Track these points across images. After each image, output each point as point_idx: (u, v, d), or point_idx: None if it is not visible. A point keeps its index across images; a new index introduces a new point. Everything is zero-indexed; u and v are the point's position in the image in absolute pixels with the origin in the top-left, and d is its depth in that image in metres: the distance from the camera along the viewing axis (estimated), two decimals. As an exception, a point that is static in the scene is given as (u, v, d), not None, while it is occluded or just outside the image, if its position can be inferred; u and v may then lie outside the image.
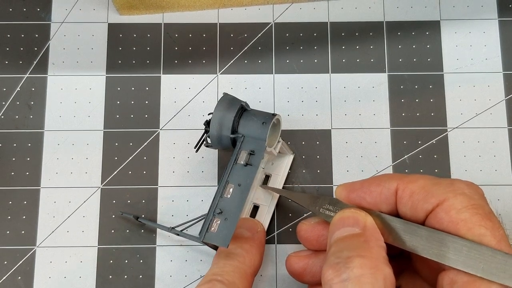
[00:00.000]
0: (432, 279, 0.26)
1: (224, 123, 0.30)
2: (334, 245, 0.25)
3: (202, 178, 0.36)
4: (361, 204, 0.27)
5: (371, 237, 0.25)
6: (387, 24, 0.38)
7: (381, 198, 0.26)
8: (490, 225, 0.23)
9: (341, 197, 0.28)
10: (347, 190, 0.27)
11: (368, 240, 0.24)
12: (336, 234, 0.26)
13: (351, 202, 0.27)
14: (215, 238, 0.28)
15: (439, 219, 0.24)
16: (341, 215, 0.26)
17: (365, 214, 0.26)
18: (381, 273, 0.23)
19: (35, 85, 0.37)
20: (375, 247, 0.24)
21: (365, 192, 0.27)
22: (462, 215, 0.23)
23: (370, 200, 0.27)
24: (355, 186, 0.27)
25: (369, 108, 0.37)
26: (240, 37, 0.38)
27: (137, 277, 0.34)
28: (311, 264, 0.29)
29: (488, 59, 0.37)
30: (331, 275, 0.23)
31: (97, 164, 0.36)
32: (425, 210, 0.24)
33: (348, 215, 0.26)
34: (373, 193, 0.26)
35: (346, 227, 0.26)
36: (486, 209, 0.24)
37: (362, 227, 0.25)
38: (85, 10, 0.38)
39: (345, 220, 0.26)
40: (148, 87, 0.37)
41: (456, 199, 0.24)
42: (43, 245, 0.35)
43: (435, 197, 0.24)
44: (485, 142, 0.36)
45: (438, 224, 0.24)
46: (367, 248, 0.24)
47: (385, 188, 0.26)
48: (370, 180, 0.27)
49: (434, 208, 0.24)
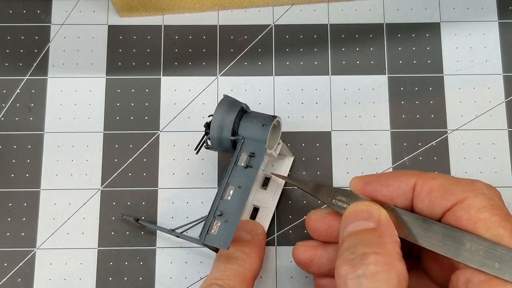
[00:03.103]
0: (442, 279, 0.26)
1: (225, 125, 0.30)
2: (347, 239, 0.25)
3: (202, 180, 0.36)
4: (376, 197, 0.27)
5: (385, 232, 0.25)
6: (387, 26, 0.38)
7: (398, 193, 0.26)
8: (509, 227, 0.23)
9: (356, 188, 0.27)
10: (363, 182, 0.27)
11: (383, 235, 0.24)
12: (349, 227, 0.25)
13: (366, 194, 0.27)
14: (216, 240, 0.28)
15: (457, 217, 0.24)
16: (355, 207, 0.26)
17: (379, 208, 0.26)
18: (395, 270, 0.23)
19: (35, 87, 0.37)
20: (389, 243, 0.24)
21: (382, 185, 0.26)
22: (482, 214, 0.23)
23: (386, 194, 0.26)
24: (371, 179, 0.27)
25: (369, 110, 0.37)
26: (240, 39, 0.38)
27: (137, 279, 0.34)
28: (319, 255, 0.29)
29: (488, 61, 0.37)
30: (346, 270, 0.23)
31: (97, 166, 0.36)
32: (443, 207, 0.24)
33: (362, 208, 0.26)
34: (390, 186, 0.26)
35: (360, 220, 0.25)
36: (505, 210, 0.24)
37: (376, 221, 0.25)
38: (85, 12, 0.38)
39: (359, 213, 0.26)
40: (148, 89, 0.37)
41: (476, 199, 0.24)
42: (43, 247, 0.35)
43: (454, 195, 0.24)
44: (485, 144, 0.36)
45: (456, 222, 0.24)
46: (382, 244, 0.24)
47: (403, 182, 0.26)
48: (387, 174, 0.27)
49: (452, 206, 0.24)
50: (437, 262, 0.26)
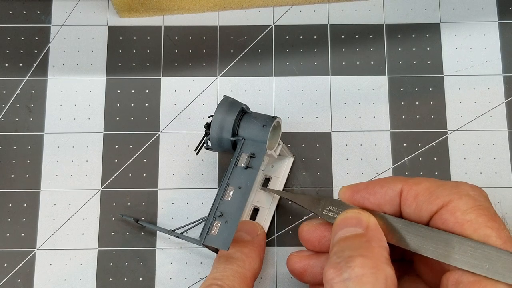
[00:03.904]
0: (435, 281, 0.26)
1: (225, 125, 0.30)
2: (336, 245, 0.25)
3: (202, 181, 0.36)
4: (364, 205, 0.27)
5: (373, 237, 0.25)
6: (387, 27, 0.38)
7: (385, 199, 0.26)
8: (495, 226, 0.23)
9: (345, 197, 0.28)
10: (351, 191, 0.27)
11: (370, 240, 0.25)
12: (338, 234, 0.26)
13: (354, 202, 0.27)
14: (216, 241, 0.28)
15: (444, 220, 0.24)
16: (344, 215, 0.26)
17: (368, 215, 0.26)
18: (382, 273, 0.23)
19: (35, 88, 0.37)
20: (377, 247, 0.24)
21: (369, 193, 0.27)
22: (468, 216, 0.23)
23: (373, 201, 0.27)
24: (359, 187, 0.27)
25: (369, 111, 0.37)
26: (240, 40, 0.38)
27: (137, 280, 0.34)
28: (312, 264, 0.29)
29: (488, 61, 0.37)
30: (332, 274, 0.23)
31: (97, 167, 0.36)
32: (430, 211, 0.25)
33: (351, 215, 0.26)
34: (377, 194, 0.27)
35: (349, 227, 0.26)
36: (491, 210, 0.24)
37: (365, 227, 0.25)
38: (85, 12, 0.38)
39: (348, 221, 0.26)
40: (148, 90, 0.37)
41: (461, 200, 0.24)
42: (43, 247, 0.35)
43: (440, 199, 0.24)
44: (485, 144, 0.36)
45: (443, 225, 0.24)
46: (369, 248, 0.24)
47: (390, 189, 0.26)
48: (374, 182, 0.27)
49: (438, 209, 0.24)
50: (429, 266, 0.26)
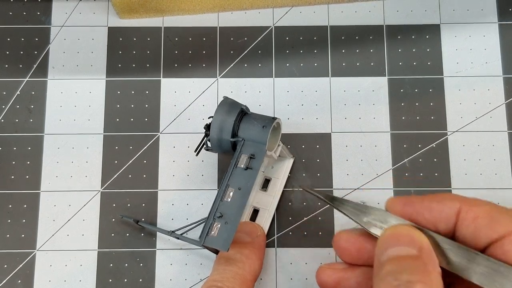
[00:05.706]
0: None
1: (225, 126, 0.30)
2: (388, 263, 0.23)
3: (202, 182, 0.36)
4: (417, 220, 0.25)
5: (429, 260, 0.23)
6: (387, 28, 0.38)
7: (441, 217, 0.24)
8: None
9: (395, 209, 0.25)
10: (402, 203, 0.25)
11: (427, 264, 0.23)
12: (389, 251, 0.24)
13: (405, 216, 0.25)
14: (216, 242, 0.28)
15: (505, 251, 0.22)
16: (394, 231, 0.24)
17: (420, 233, 0.24)
18: None
19: (35, 89, 0.37)
20: (434, 273, 0.22)
21: (425, 208, 0.25)
22: None
23: (429, 217, 0.25)
24: (412, 200, 0.25)
25: (369, 112, 0.37)
26: (240, 41, 0.38)
27: (137, 281, 0.34)
28: (346, 278, 0.27)
29: (488, 62, 0.37)
30: None
31: (97, 168, 0.36)
32: (489, 237, 0.23)
33: (402, 232, 0.24)
34: (434, 210, 0.24)
35: (401, 246, 0.23)
36: None
37: (418, 248, 0.23)
38: (85, 13, 0.38)
39: (399, 237, 0.24)
40: (148, 91, 0.37)
41: None
42: (43, 248, 0.35)
43: (503, 227, 0.23)
44: (485, 145, 0.36)
45: (503, 255, 0.22)
46: (427, 274, 0.22)
47: (447, 206, 0.24)
48: (430, 197, 0.25)
49: (500, 237, 0.23)
50: None
